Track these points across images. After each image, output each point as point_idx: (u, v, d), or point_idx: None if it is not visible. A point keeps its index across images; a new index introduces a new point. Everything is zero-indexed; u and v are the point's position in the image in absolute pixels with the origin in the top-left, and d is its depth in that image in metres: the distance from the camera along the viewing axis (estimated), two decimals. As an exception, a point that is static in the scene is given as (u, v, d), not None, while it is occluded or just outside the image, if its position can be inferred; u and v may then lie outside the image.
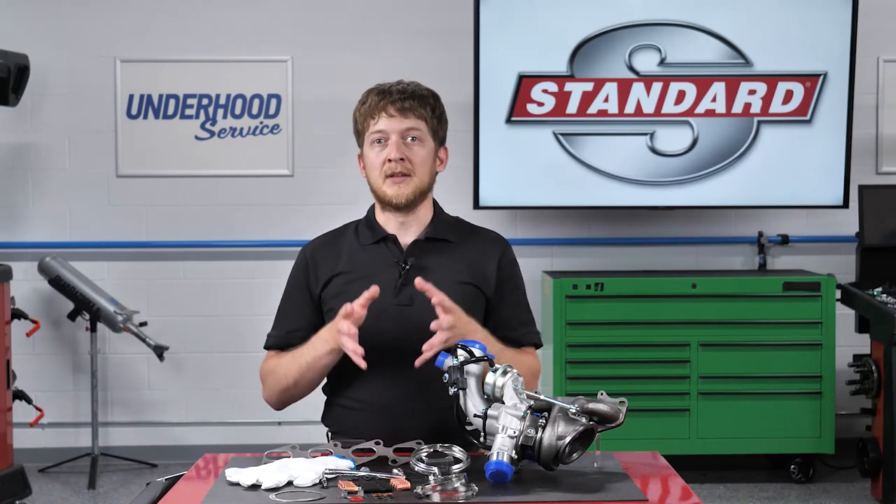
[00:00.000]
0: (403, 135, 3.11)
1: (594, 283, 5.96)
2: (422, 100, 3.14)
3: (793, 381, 6.00)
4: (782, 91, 6.26)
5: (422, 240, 3.18)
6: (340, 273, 3.16)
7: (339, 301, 3.07)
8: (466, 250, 3.20)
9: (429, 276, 3.03)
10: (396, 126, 3.10)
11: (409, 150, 3.12)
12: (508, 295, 3.21)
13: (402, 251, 3.16)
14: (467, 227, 3.32)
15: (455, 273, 3.13)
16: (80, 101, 6.55)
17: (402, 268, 3.12)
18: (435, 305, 2.87)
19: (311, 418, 3.45)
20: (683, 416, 5.98)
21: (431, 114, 3.15)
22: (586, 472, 2.65)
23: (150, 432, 6.66)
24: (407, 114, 3.11)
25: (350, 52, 6.56)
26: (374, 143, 3.13)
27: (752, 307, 6.01)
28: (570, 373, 5.90)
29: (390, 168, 3.11)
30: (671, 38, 6.23)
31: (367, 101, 3.15)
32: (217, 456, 2.89)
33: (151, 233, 6.60)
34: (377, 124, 3.11)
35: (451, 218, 3.30)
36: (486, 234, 3.31)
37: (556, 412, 2.56)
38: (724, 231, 6.69)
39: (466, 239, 3.24)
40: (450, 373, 2.65)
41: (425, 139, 3.14)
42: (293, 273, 3.28)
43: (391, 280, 3.10)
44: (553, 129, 6.25)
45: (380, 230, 3.20)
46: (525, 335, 3.21)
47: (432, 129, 3.16)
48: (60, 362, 6.63)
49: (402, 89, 3.14)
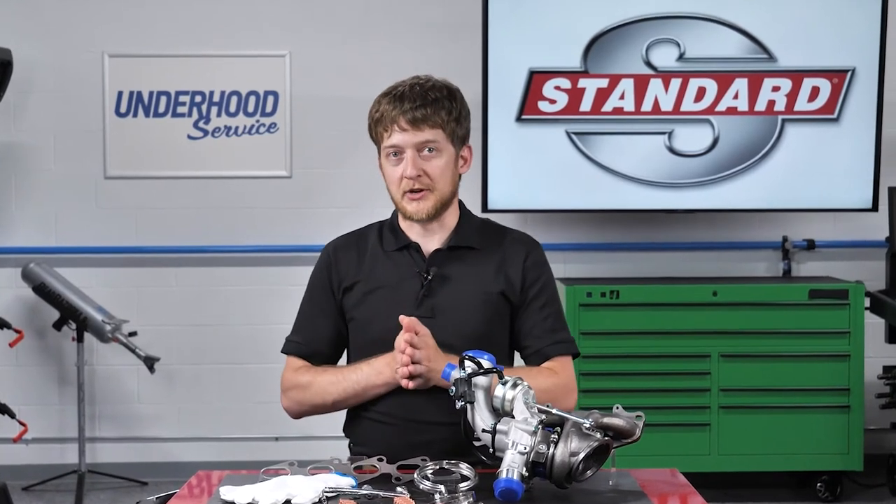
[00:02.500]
0: (419, 147, 3.09)
1: (609, 290, 5.97)
2: (436, 105, 3.09)
3: (819, 395, 6.00)
4: (808, 88, 6.26)
5: (445, 248, 3.18)
6: (361, 280, 3.18)
7: (360, 311, 3.11)
8: (492, 256, 3.19)
9: (452, 286, 3.04)
10: (410, 140, 3.08)
11: (425, 162, 3.09)
12: (534, 300, 3.19)
13: (424, 260, 3.17)
14: (495, 229, 3.30)
15: (480, 283, 3.13)
16: (66, 99, 6.56)
17: (425, 278, 3.13)
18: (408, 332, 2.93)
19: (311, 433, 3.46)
20: (704, 431, 5.99)
21: (448, 117, 3.11)
22: (601, 490, 2.65)
23: (139, 448, 6.67)
24: (420, 126, 3.07)
25: (352, 46, 6.57)
26: (390, 157, 3.12)
27: (775, 316, 6.01)
28: (584, 385, 5.87)
29: (408, 185, 3.10)
30: (691, 32, 6.23)
31: (380, 109, 3.12)
32: (211, 473, 2.90)
33: (141, 237, 6.60)
34: (391, 138, 3.09)
35: (478, 221, 3.29)
36: (512, 234, 3.29)
37: (568, 427, 2.57)
38: (746, 236, 6.69)
39: (493, 243, 3.23)
40: (456, 385, 2.65)
41: (443, 148, 3.12)
42: (315, 272, 3.28)
43: (413, 291, 3.11)
44: (566, 128, 6.26)
45: (403, 237, 3.20)
46: (552, 346, 3.17)
47: (450, 133, 3.13)
48: (45, 374, 6.64)
49: (415, 95, 3.09)
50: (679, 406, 5.97)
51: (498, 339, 3.15)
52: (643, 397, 5.89)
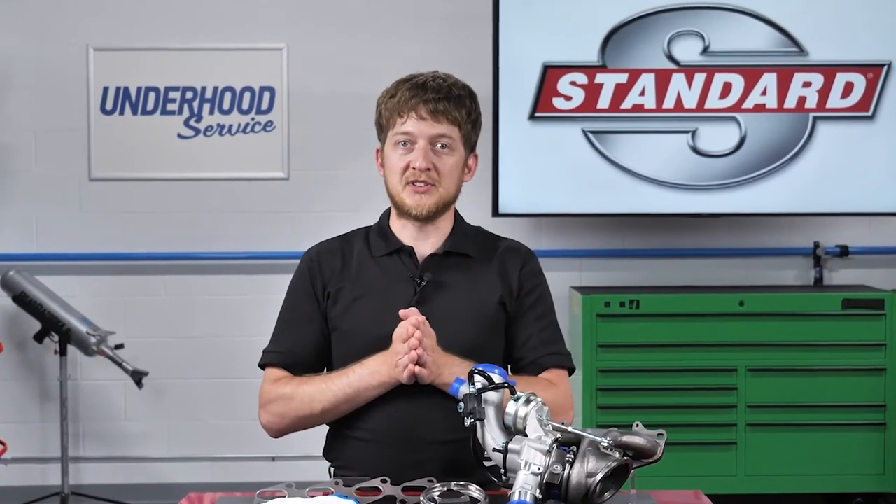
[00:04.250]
0: (433, 141, 3.12)
1: (629, 300, 5.97)
2: (458, 101, 3.14)
3: (853, 411, 6.00)
4: (841, 83, 6.25)
5: (440, 254, 3.19)
6: (347, 286, 3.17)
7: (346, 319, 3.09)
8: (488, 265, 3.21)
9: (447, 293, 3.04)
10: (426, 130, 3.11)
11: (436, 157, 3.12)
12: (530, 310, 3.21)
13: (417, 265, 3.17)
14: (489, 238, 3.33)
15: (476, 291, 3.16)
16: (48, 95, 6.57)
17: (418, 284, 3.13)
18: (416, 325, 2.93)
19: (309, 452, 3.45)
20: (730, 451, 5.98)
21: (466, 118, 3.16)
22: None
23: (127, 469, 6.67)
24: (440, 118, 3.11)
25: (353, 39, 6.57)
26: (399, 145, 3.14)
27: (806, 327, 6.01)
28: (602, 401, 5.91)
29: (413, 175, 3.11)
30: (716, 24, 6.23)
31: (398, 94, 3.14)
32: (203, 495, 2.90)
33: (129, 243, 6.61)
34: (405, 125, 3.11)
35: (472, 229, 3.32)
36: (507, 243, 3.32)
37: (585, 446, 2.56)
38: (775, 242, 6.69)
39: (487, 252, 3.25)
40: (465, 401, 2.65)
41: (456, 147, 3.15)
42: (296, 279, 3.28)
43: (405, 297, 3.12)
44: (582, 127, 6.26)
45: (394, 240, 3.21)
46: (548, 357, 3.19)
47: (465, 135, 3.17)
48: (26, 389, 6.64)
49: (438, 87, 3.13)
50: (703, 423, 5.98)
51: (494, 350, 3.17)
52: (665, 414, 5.89)
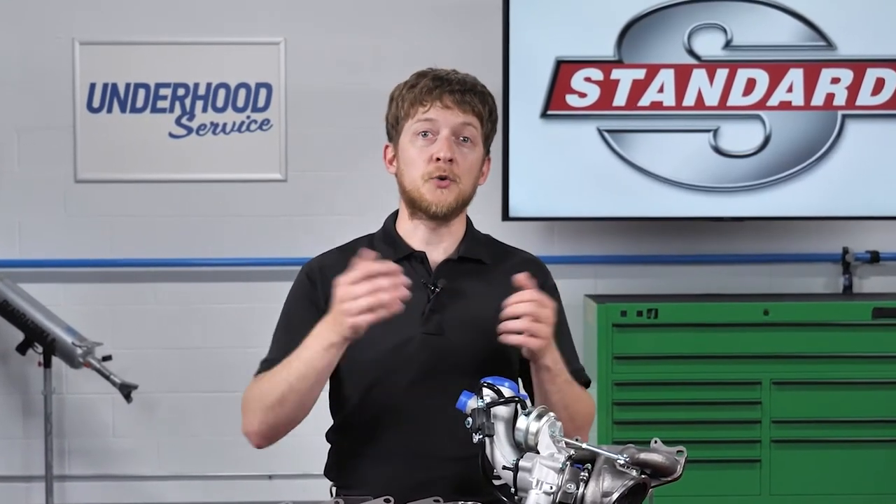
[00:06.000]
0: (456, 132, 3.13)
1: (646, 309, 5.98)
2: (482, 97, 3.18)
3: (884, 427, 6.00)
4: (872, 79, 6.27)
5: (454, 259, 3.21)
6: None
7: None
8: (503, 274, 3.18)
9: (463, 301, 3.05)
10: (451, 119, 3.13)
11: (458, 151, 3.14)
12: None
13: (430, 272, 3.18)
14: (500, 247, 3.35)
15: (493, 299, 3.08)
16: (32, 92, 6.58)
17: (431, 291, 3.14)
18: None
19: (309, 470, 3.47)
20: (754, 468, 6.00)
21: (488, 115, 3.19)
22: (637, 534, 2.67)
23: (115, 488, 6.69)
24: (465, 108, 3.13)
25: (354, 33, 6.57)
26: (419, 136, 3.15)
27: (835, 338, 6.02)
28: (618, 416, 5.92)
29: (437, 169, 3.11)
30: (739, 16, 6.25)
31: (418, 84, 3.16)
32: (197, 515, 2.92)
33: (117, 249, 6.62)
34: (427, 112, 3.13)
35: (483, 236, 3.34)
36: (521, 255, 3.34)
37: (600, 464, 2.58)
38: (801, 247, 6.70)
39: (500, 261, 3.27)
40: (474, 416, 2.64)
41: (477, 143, 3.18)
42: (295, 290, 3.27)
43: (418, 305, 3.10)
44: (597, 125, 6.27)
45: (404, 246, 3.21)
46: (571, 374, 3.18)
47: (485, 134, 3.20)
48: (7, 404, 6.66)
49: (462, 79, 3.17)
50: (725, 440, 5.99)
51: (510, 362, 3.16)
52: (685, 430, 5.90)
